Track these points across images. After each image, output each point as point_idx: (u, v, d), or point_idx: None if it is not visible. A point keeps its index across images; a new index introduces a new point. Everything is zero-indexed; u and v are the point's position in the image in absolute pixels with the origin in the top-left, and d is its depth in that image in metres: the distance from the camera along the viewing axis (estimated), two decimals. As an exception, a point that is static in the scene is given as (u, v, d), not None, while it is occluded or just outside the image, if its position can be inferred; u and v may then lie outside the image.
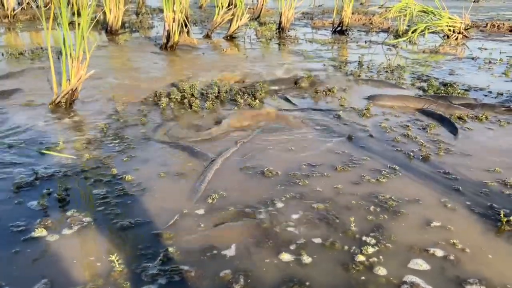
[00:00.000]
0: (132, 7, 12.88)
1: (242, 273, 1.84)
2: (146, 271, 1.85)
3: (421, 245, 2.04)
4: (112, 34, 8.23)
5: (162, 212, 2.29)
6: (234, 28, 7.97)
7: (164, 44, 6.82)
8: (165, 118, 3.70)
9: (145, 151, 3.03)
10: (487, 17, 11.68)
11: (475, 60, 6.34)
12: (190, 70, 5.52)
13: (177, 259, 1.93)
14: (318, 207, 2.34)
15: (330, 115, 3.85)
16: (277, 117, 3.76)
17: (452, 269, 1.90)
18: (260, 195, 2.46)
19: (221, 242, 2.04)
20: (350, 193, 2.50)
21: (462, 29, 8.21)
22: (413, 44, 7.71)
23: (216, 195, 2.43)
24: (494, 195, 2.50)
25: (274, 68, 5.62)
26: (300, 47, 7.22)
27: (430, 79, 5.07)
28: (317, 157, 2.97)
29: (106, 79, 4.96)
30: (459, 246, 2.04)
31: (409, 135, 3.36)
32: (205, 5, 13.32)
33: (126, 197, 2.41)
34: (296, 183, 2.60)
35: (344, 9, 8.56)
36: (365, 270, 1.88)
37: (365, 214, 2.29)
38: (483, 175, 2.74)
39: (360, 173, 2.74)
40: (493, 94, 4.61)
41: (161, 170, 2.73)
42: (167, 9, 6.56)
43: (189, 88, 4.30)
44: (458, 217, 2.29)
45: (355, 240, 2.08)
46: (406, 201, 2.42)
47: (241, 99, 4.13)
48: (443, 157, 3.00)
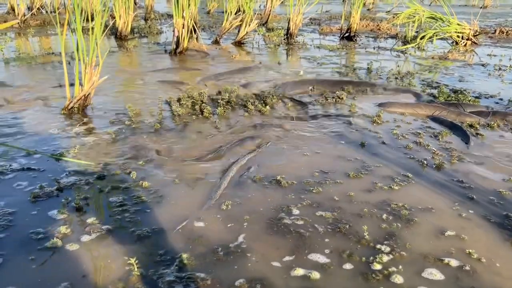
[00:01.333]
0: (140, 13, 12.98)
1: (259, 283, 1.85)
2: (163, 277, 1.86)
3: (435, 255, 2.04)
4: (121, 39, 8.30)
5: (176, 218, 2.30)
6: (243, 34, 8.01)
7: (174, 49, 6.87)
8: (177, 124, 3.73)
9: (158, 157, 3.05)
10: (495, 23, 11.65)
11: (485, 66, 6.32)
12: (201, 76, 5.56)
13: (192, 265, 1.94)
14: (334, 214, 2.35)
15: (341, 121, 3.85)
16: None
17: (468, 280, 1.89)
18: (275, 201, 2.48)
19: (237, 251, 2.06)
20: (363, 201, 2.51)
21: (471, 35, 8.19)
22: (422, 51, 7.71)
23: (230, 202, 2.45)
24: (509, 204, 2.49)
25: (286, 74, 5.64)
26: (309, 53, 7.24)
27: (440, 85, 5.07)
28: (329, 163, 2.98)
29: (117, 84, 5.00)
30: (475, 256, 2.03)
31: (421, 142, 3.36)
32: (213, 10, 13.39)
33: (144, 204, 2.43)
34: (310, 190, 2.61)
35: (352, 15, 8.58)
36: (382, 278, 1.88)
37: (379, 222, 2.29)
38: (497, 184, 2.74)
39: (373, 180, 2.74)
40: (504, 101, 4.59)
41: (176, 177, 2.75)
42: (177, 15, 6.61)
43: (198, 95, 4.33)
44: (473, 227, 2.28)
45: (369, 248, 2.08)
46: (420, 209, 2.42)
47: (251, 106, 4.15)
48: (456, 165, 3.00)
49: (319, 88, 4.96)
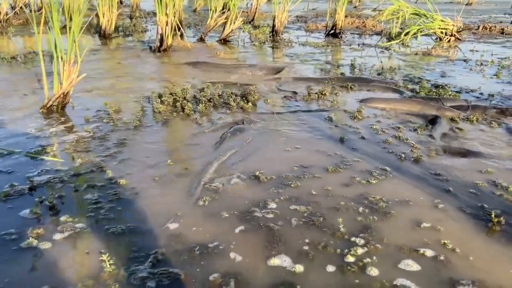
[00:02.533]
0: (126, 11, 12.88)
1: (233, 277, 1.84)
2: (136, 273, 1.84)
3: (411, 246, 2.05)
4: (105, 37, 8.22)
5: (155, 215, 2.28)
6: (228, 32, 7.98)
7: (157, 47, 6.82)
8: (157, 121, 3.70)
9: (137, 154, 3.02)
10: (479, 20, 11.76)
11: (467, 62, 6.38)
12: (184, 73, 5.52)
13: (166, 261, 1.92)
14: (308, 208, 2.35)
15: (322, 117, 3.85)
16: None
17: (443, 270, 1.90)
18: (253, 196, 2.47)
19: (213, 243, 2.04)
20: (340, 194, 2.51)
21: (454, 31, 8.26)
22: (406, 47, 7.75)
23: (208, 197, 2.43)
24: (485, 196, 2.51)
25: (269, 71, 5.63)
26: (293, 50, 7.23)
27: (422, 81, 5.10)
28: (309, 158, 2.97)
29: (98, 82, 4.95)
30: (450, 246, 2.04)
31: (400, 136, 3.37)
32: (199, 8, 13.32)
33: (119, 202, 2.40)
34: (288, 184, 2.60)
35: (337, 12, 8.59)
36: (357, 270, 1.88)
37: (355, 215, 2.30)
38: (474, 176, 2.75)
39: (351, 175, 2.74)
40: (484, 95, 4.63)
41: (154, 174, 2.72)
42: (160, 13, 6.56)
43: (181, 91, 4.30)
44: (449, 218, 2.29)
45: (345, 241, 2.08)
46: (397, 202, 2.43)
47: (233, 102, 4.13)
48: (434, 158, 3.01)
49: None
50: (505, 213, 2.31)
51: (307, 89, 4.76)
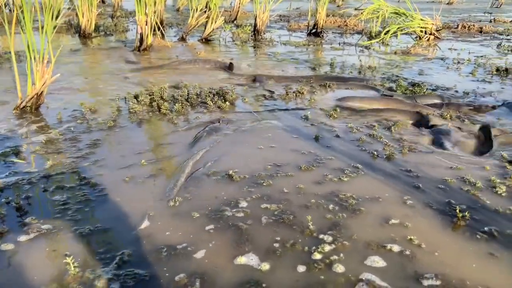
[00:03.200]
0: (108, 11, 12.76)
1: (199, 277, 1.83)
2: (101, 275, 1.82)
3: (378, 242, 2.07)
4: (85, 37, 8.13)
5: (125, 216, 2.26)
6: (209, 31, 7.96)
7: (137, 47, 6.77)
8: (132, 121, 3.67)
9: (109, 155, 2.99)
10: (459, 19, 11.94)
11: (444, 60, 6.47)
12: (163, 73, 5.49)
13: (132, 262, 1.91)
14: (279, 206, 2.35)
15: (298, 115, 3.87)
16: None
17: (409, 265, 1.92)
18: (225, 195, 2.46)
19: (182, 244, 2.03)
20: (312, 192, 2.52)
21: (434, 30, 8.37)
22: (386, 46, 7.83)
23: (180, 198, 2.42)
24: (452, 192, 2.55)
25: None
26: (274, 49, 7.25)
27: (399, 79, 5.15)
28: (283, 156, 2.98)
29: (74, 83, 4.88)
30: (416, 242, 2.07)
31: (374, 134, 3.40)
32: (182, 8, 13.26)
33: (88, 203, 2.37)
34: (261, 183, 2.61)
35: (318, 12, 8.63)
36: (324, 267, 1.89)
37: (325, 212, 2.31)
38: (444, 172, 2.79)
39: (324, 173, 2.76)
40: (459, 93, 4.71)
41: (125, 174, 2.70)
42: (139, 12, 6.51)
43: (158, 91, 4.27)
44: (416, 214, 2.32)
45: (313, 238, 2.09)
46: (367, 199, 2.45)
47: (211, 102, 4.12)
48: (406, 156, 3.05)
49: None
50: (470, 208, 2.35)
51: (285, 88, 4.77)
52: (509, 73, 5.54)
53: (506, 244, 2.07)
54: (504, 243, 2.08)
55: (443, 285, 1.79)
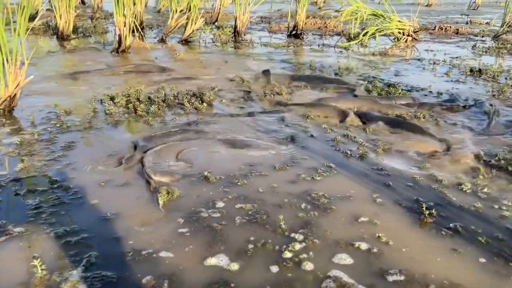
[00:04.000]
0: (88, 12, 12.62)
1: (167, 278, 1.84)
2: (68, 278, 1.81)
3: (347, 240, 2.10)
4: (63, 39, 8.03)
5: (96, 219, 2.25)
6: (189, 32, 7.95)
7: (116, 49, 6.72)
8: (108, 123, 3.64)
9: (83, 158, 2.97)
10: (437, 20, 12.16)
11: (421, 61, 6.59)
12: (140, 75, 5.47)
13: (100, 265, 1.90)
14: (253, 206, 2.37)
15: (275, 116, 3.90)
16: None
17: (375, 262, 1.96)
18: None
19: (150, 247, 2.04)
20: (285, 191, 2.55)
21: (411, 31, 8.52)
22: (364, 47, 7.94)
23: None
24: (421, 189, 2.61)
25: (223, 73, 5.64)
26: (253, 51, 7.28)
27: (376, 80, 5.23)
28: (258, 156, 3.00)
29: (51, 84, 4.83)
30: (384, 239, 2.11)
31: (349, 135, 3.45)
32: (164, 9, 13.20)
33: (60, 206, 2.36)
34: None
35: (298, 13, 8.70)
36: (293, 266, 1.91)
37: (296, 211, 2.34)
38: (414, 171, 2.85)
39: (297, 172, 2.79)
40: (433, 93, 4.80)
41: (99, 177, 2.69)
42: (117, 13, 6.46)
43: (134, 92, 4.25)
44: (386, 212, 2.37)
45: (284, 237, 2.11)
46: (338, 197, 2.49)
47: (188, 103, 4.12)
48: (379, 155, 3.10)
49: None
50: (438, 205, 2.41)
51: (262, 88, 4.80)
52: (482, 74, 5.68)
53: (469, 239, 2.13)
54: (468, 239, 2.14)
55: (407, 280, 1.83)
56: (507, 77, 5.47)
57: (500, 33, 9.02)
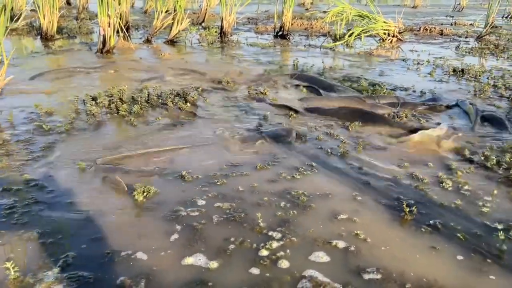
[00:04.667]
0: (73, 13, 12.48)
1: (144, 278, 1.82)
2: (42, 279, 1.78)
3: (325, 238, 2.10)
4: (47, 40, 7.92)
5: (73, 220, 2.22)
6: (175, 33, 7.91)
7: (100, 49, 6.65)
8: (90, 124, 3.60)
9: (62, 158, 2.93)
10: (422, 22, 12.27)
11: (405, 61, 6.64)
12: (124, 75, 5.42)
13: (77, 265, 1.88)
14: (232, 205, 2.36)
15: (259, 115, 3.90)
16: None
17: (352, 260, 1.96)
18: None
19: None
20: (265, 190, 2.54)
21: (396, 32, 8.58)
22: (350, 48, 7.98)
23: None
24: (401, 188, 2.62)
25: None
26: (239, 51, 7.27)
27: (361, 79, 5.26)
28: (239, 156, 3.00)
29: (33, 85, 4.76)
30: (362, 237, 2.12)
31: (332, 133, 3.46)
32: (150, 10, 13.11)
33: (35, 206, 2.32)
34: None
35: (284, 14, 8.71)
36: (270, 264, 1.91)
37: (276, 210, 2.33)
38: (394, 169, 2.87)
39: (278, 171, 2.78)
40: (416, 93, 4.84)
41: (77, 178, 2.65)
42: (102, 14, 6.41)
43: (117, 92, 4.21)
44: (365, 210, 2.37)
45: (262, 235, 2.11)
46: (318, 196, 2.49)
47: (171, 103, 4.09)
48: (360, 153, 3.11)
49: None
50: (418, 203, 2.42)
51: (247, 88, 4.80)
52: (465, 74, 5.74)
53: (448, 236, 2.15)
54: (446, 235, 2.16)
55: (383, 279, 1.84)
56: (489, 77, 5.54)
57: (483, 34, 9.14)
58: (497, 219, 2.31)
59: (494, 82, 5.29)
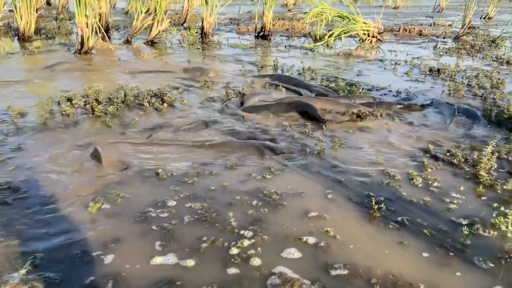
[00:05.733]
0: (53, 13, 12.31)
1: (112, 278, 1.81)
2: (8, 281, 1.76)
3: (296, 235, 2.12)
4: (24, 41, 7.80)
5: (43, 221, 2.20)
6: (155, 33, 7.87)
7: (78, 50, 6.58)
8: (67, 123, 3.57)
9: (32, 160, 2.90)
10: (403, 22, 12.45)
11: (383, 61, 6.73)
12: (102, 76, 5.38)
13: (44, 266, 1.86)
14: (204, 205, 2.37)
15: (235, 116, 3.91)
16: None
17: (321, 256, 1.98)
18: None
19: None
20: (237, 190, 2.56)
21: (376, 33, 8.69)
22: (330, 48, 8.05)
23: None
24: (372, 185, 2.66)
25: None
26: (220, 52, 7.27)
27: (338, 79, 5.31)
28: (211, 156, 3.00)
29: (7, 87, 4.68)
30: (331, 233, 2.14)
31: (307, 132, 3.49)
32: (132, 10, 13.01)
33: (5, 207, 2.30)
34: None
35: (265, 15, 8.75)
36: (240, 262, 1.92)
37: (247, 208, 2.35)
38: (367, 167, 2.91)
39: (249, 171, 2.80)
40: (392, 92, 4.92)
41: (47, 179, 2.63)
42: (79, 14, 6.34)
43: (93, 93, 4.18)
44: (336, 207, 2.40)
45: (234, 234, 2.12)
46: (290, 194, 2.51)
47: (148, 103, 4.08)
48: (335, 152, 3.15)
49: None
50: (388, 200, 2.46)
51: (225, 88, 4.81)
52: (441, 73, 5.84)
53: (415, 232, 2.20)
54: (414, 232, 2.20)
55: (350, 274, 1.86)
56: (464, 76, 5.65)
57: (460, 35, 9.33)
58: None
59: (469, 81, 5.40)
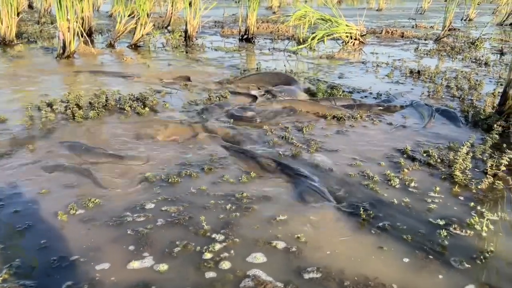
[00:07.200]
0: (35, 17, 12.20)
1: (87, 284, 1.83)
2: (-21, 290, 1.77)
3: (265, 239, 2.14)
4: (5, 45, 7.73)
5: (21, 230, 2.20)
6: (138, 37, 7.86)
7: (60, 54, 6.54)
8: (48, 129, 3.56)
9: (6, 167, 2.89)
10: (385, 24, 12.60)
11: (365, 64, 6.82)
12: (85, 80, 5.36)
13: (20, 275, 1.86)
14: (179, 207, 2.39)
15: (217, 119, 3.93)
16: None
17: (294, 260, 2.00)
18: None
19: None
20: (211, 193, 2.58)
21: (358, 35, 8.79)
22: (313, 51, 8.12)
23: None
24: (348, 187, 2.70)
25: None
26: (203, 55, 7.29)
27: (320, 82, 5.37)
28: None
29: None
30: (303, 239, 2.15)
31: (286, 136, 3.53)
32: (115, 14, 12.95)
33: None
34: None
35: (249, 18, 8.79)
36: (212, 266, 1.94)
37: (220, 212, 2.37)
38: (343, 169, 2.95)
39: (223, 174, 2.82)
40: (373, 94, 4.98)
41: (27, 187, 2.62)
42: (61, 18, 6.31)
43: (74, 98, 4.16)
44: (309, 210, 2.43)
45: (206, 238, 2.14)
46: (261, 198, 2.53)
47: (129, 108, 4.08)
48: (312, 155, 3.19)
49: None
50: (371, 204, 2.49)
51: (208, 92, 4.83)
52: (421, 75, 5.94)
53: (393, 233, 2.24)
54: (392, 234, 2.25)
55: (323, 278, 1.89)
56: (443, 78, 5.75)
57: (441, 37, 9.48)
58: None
59: (448, 83, 5.50)
